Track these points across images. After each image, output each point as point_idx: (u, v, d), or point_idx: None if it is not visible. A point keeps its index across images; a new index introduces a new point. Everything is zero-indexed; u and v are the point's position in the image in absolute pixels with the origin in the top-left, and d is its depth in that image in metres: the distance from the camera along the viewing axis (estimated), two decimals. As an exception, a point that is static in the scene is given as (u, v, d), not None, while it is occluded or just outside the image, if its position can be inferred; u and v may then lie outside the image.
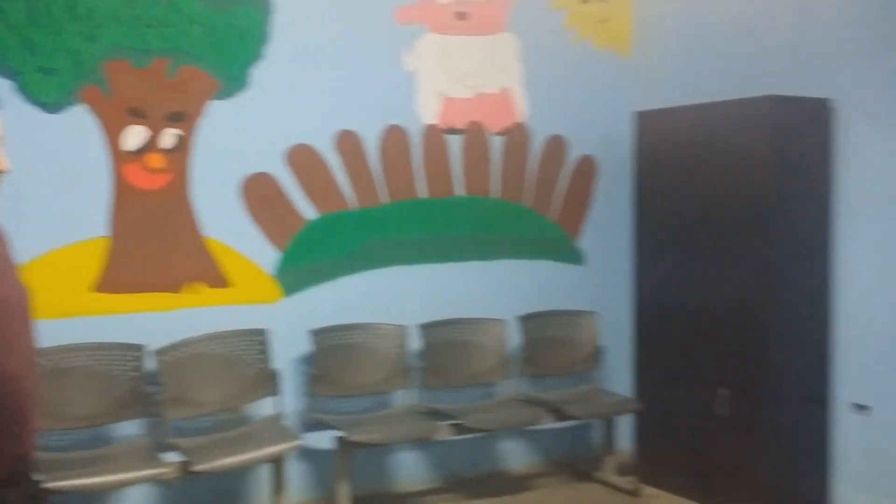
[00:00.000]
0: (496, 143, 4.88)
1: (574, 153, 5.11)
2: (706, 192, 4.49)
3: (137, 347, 3.92)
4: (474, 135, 4.81)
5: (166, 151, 4.05)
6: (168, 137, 4.05)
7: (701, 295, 4.55)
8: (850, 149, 4.30)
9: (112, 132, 3.94)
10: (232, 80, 4.18)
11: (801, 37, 4.49)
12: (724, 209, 4.40)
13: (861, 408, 4.30)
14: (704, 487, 4.51)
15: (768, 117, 4.18)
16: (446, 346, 4.68)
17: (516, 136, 4.93)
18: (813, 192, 4.35)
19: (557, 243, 5.10)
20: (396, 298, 4.63)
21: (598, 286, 5.17)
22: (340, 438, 4.16)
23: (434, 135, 4.70)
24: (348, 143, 4.48)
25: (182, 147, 4.08)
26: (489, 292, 4.87)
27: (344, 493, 4.18)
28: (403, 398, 4.60)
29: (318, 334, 4.37)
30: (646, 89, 5.14)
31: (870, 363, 4.26)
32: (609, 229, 5.17)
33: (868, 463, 4.28)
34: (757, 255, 4.26)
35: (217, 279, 4.18)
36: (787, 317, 4.27)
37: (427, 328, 4.64)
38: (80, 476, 3.48)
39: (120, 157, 3.96)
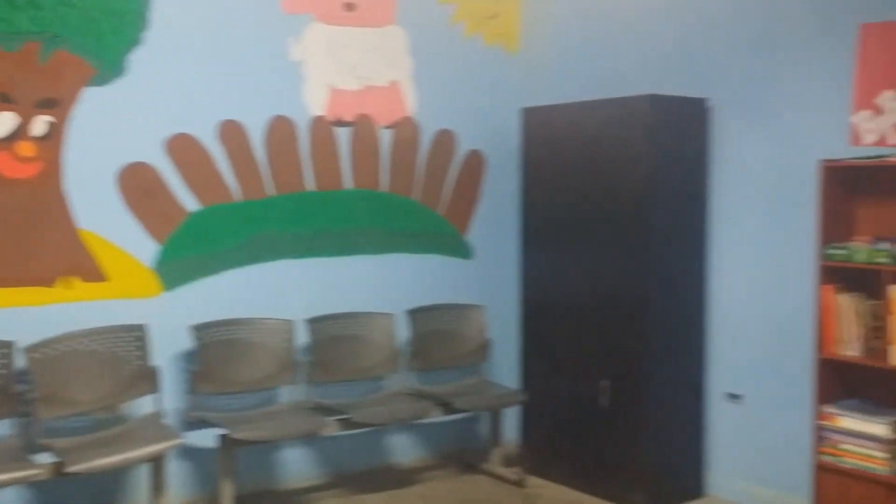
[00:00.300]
0: (385, 137, 4.86)
1: (463, 148, 5.15)
2: (589, 188, 4.59)
3: (6, 344, 3.74)
4: (363, 127, 4.78)
5: (37, 139, 3.87)
6: (39, 125, 3.87)
7: (583, 288, 4.65)
8: (724, 146, 4.48)
9: (-23, 118, 3.74)
10: (108, 67, 4.02)
11: (681, 38, 4.63)
12: (605, 204, 4.51)
13: (734, 397, 4.48)
14: (587, 477, 4.61)
15: (648, 116, 4.30)
16: (334, 340, 4.64)
17: (405, 129, 4.92)
18: (690, 189, 4.51)
19: (446, 237, 5.12)
20: (283, 293, 4.55)
21: (485, 280, 5.23)
22: (223, 436, 4.07)
23: (322, 127, 4.65)
24: (232, 133, 4.38)
25: (54, 135, 3.90)
26: (377, 286, 4.86)
27: (227, 491, 4.09)
28: (290, 394, 4.54)
29: (200, 330, 4.26)
30: (533, 86, 5.23)
31: (742, 354, 4.45)
32: (497, 224, 5.23)
33: (741, 450, 4.46)
34: (636, 250, 4.38)
35: (92, 273, 4.02)
36: (665, 310, 4.41)
37: (314, 323, 4.58)
38: (-60, 480, 3.29)
39: (-14, 145, 3.77)
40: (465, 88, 5.12)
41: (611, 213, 4.48)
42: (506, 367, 5.12)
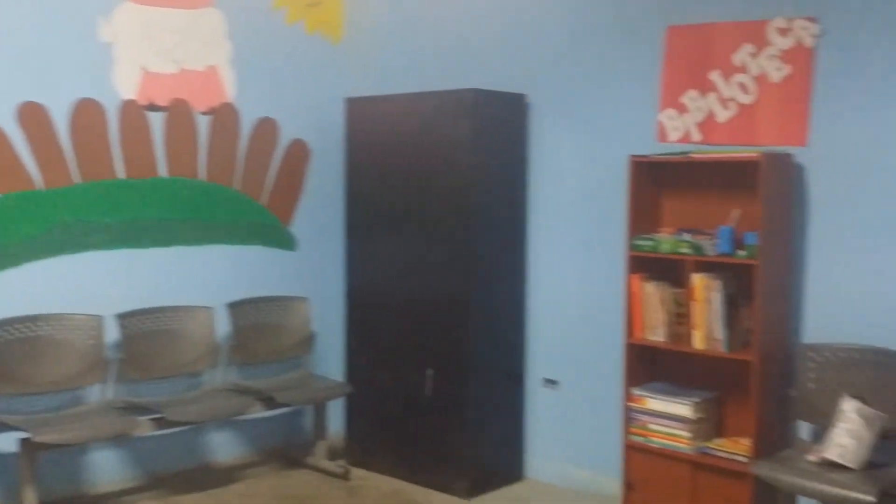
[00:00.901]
0: (203, 123, 4.68)
1: (286, 137, 5.03)
2: (412, 180, 4.61)
3: None
4: (178, 113, 4.57)
5: None
6: None
7: (408, 280, 4.67)
8: (542, 141, 4.61)
9: None
10: None
11: (502, 33, 4.73)
12: (428, 196, 4.54)
13: (551, 382, 4.64)
14: (411, 466, 4.64)
15: (470, 109, 4.36)
16: (148, 336, 4.43)
17: (224, 116, 4.75)
18: (510, 182, 4.62)
19: (268, 228, 5.00)
20: (91, 286, 4.29)
21: (310, 272, 5.15)
22: (24, 440, 3.80)
23: (133, 111, 4.41)
24: (33, 116, 4.08)
25: None
26: (196, 279, 4.67)
27: (29, 499, 3.82)
28: (99, 394, 4.29)
29: (-2, 327, 3.96)
30: (357, 76, 5.18)
31: (558, 341, 4.61)
32: (322, 215, 5.16)
33: (558, 434, 4.62)
34: (458, 241, 4.44)
35: None
36: (486, 300, 4.50)
37: (126, 318, 4.35)
38: None
39: None
40: (288, 76, 5.00)
41: (434, 205, 4.52)
42: (331, 359, 5.07)
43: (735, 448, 3.78)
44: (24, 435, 3.80)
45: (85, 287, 4.27)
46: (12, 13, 4.00)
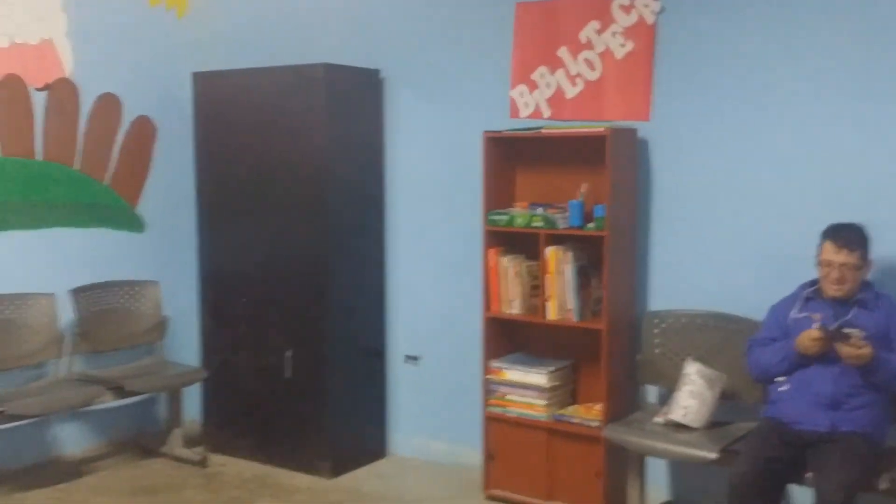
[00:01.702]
0: (39, 99, 4.41)
1: (130, 113, 4.81)
2: (265, 157, 4.50)
3: None
4: (11, 88, 4.29)
5: None
6: None
7: (264, 260, 4.58)
8: (397, 117, 4.60)
9: None
10: None
11: (354, 7, 4.67)
12: (283, 174, 4.45)
13: (412, 359, 4.66)
14: (273, 449, 4.57)
15: (323, 84, 4.29)
16: (-17, 326, 4.17)
17: (62, 91, 4.49)
18: (366, 159, 4.59)
19: (113, 209, 4.77)
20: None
21: (161, 254, 4.96)
22: None
23: (-41, 87, 4.11)
24: None
25: None
26: (34, 264, 4.41)
27: None
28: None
29: None
30: (205, 50, 5.00)
31: (419, 317, 4.63)
32: (172, 195, 4.97)
33: (419, 408, 4.66)
34: (315, 219, 4.38)
35: None
36: (345, 278, 4.47)
37: (-42, 308, 4.08)
38: None
39: None
40: (131, 50, 4.77)
41: (289, 183, 4.43)
42: (185, 344, 4.91)
43: (588, 414, 3.91)
44: None
45: None
46: None
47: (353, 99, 4.47)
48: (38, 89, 4.40)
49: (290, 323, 4.51)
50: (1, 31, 4.25)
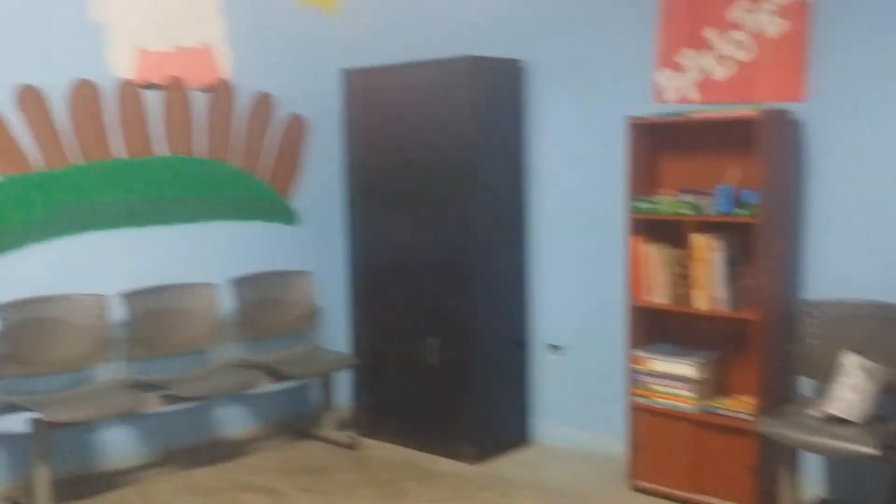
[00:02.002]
0: (200, 100, 4.68)
1: (283, 111, 5.03)
2: (411, 150, 4.61)
3: None
4: (175, 91, 4.57)
5: None
6: None
7: (410, 250, 4.69)
8: (539, 107, 4.60)
9: None
10: None
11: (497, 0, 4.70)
12: (428, 166, 4.54)
13: (555, 348, 4.66)
14: (418, 434, 4.68)
15: (467, 77, 4.34)
16: (153, 314, 4.46)
17: (221, 92, 4.74)
18: (509, 149, 4.61)
19: (269, 204, 5.01)
20: (94, 266, 4.31)
21: (312, 246, 5.16)
22: (35, 420, 3.84)
23: (129, 90, 4.40)
24: (31, 99, 4.08)
25: None
26: (198, 256, 4.69)
27: (42, 477, 3.86)
28: (108, 372, 4.33)
29: (5, 309, 3.98)
30: (353, 47, 5.15)
31: (562, 306, 4.62)
32: (322, 188, 5.16)
33: (563, 397, 4.66)
34: (459, 211, 4.44)
35: None
36: (489, 268, 4.52)
37: (131, 297, 4.38)
38: None
39: None
40: (283, 50, 4.98)
41: (434, 175, 4.52)
42: (336, 332, 5.09)
43: (739, 406, 3.80)
44: (34, 415, 3.84)
45: (89, 267, 4.30)
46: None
47: (496, 90, 4.50)
48: (200, 91, 4.66)
49: (436, 312, 4.60)
50: (166, 36, 4.53)
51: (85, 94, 4.25)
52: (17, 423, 3.96)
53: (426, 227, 4.59)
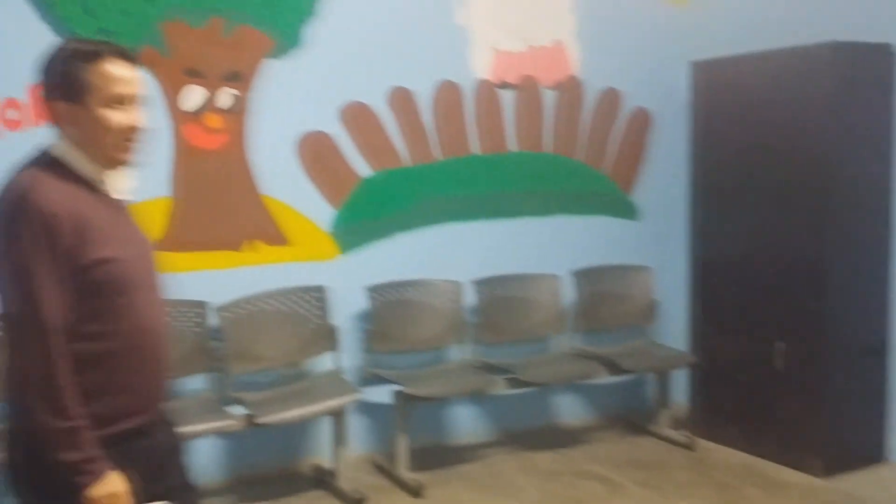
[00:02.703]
0: (549, 97, 4.85)
1: (628, 105, 5.06)
2: (765, 144, 4.42)
3: (201, 304, 4.00)
4: (527, 89, 4.78)
5: (223, 111, 4.08)
6: (225, 97, 4.08)
7: (758, 248, 4.51)
8: (913, 96, 4.21)
9: (171, 93, 3.98)
10: (286, 39, 4.18)
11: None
12: (783, 161, 4.33)
13: (922, 361, 4.26)
14: (760, 441, 4.51)
15: (831, 65, 4.09)
16: (500, 301, 4.71)
17: (569, 89, 4.88)
18: (873, 143, 4.27)
19: (611, 198, 5.07)
20: (451, 255, 4.65)
21: (653, 240, 5.15)
22: (399, 392, 4.22)
23: (487, 90, 4.68)
24: (401, 99, 4.48)
25: (239, 107, 4.11)
26: (543, 248, 4.88)
27: (403, 445, 4.25)
28: (458, 353, 4.65)
29: (375, 291, 4.42)
30: (703, 38, 5.04)
31: (932, 316, 4.21)
32: (664, 183, 5.13)
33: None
34: (814, 208, 4.20)
35: (275, 237, 4.24)
36: (846, 270, 4.22)
37: (481, 284, 4.66)
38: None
39: (179, 118, 4.00)
40: (631, 45, 5.00)
41: (787, 171, 4.31)
42: (674, 328, 5.05)
43: None
44: (398, 388, 4.23)
45: (445, 255, 4.64)
46: (383, 7, 4.41)
47: (862, 79, 4.18)
48: (549, 88, 4.83)
49: (783, 314, 4.39)
50: (520, 36, 4.74)
51: (448, 95, 4.58)
52: (380, 394, 4.39)
53: (776, 224, 4.39)
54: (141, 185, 3.89)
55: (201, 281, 4.03)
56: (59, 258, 1.85)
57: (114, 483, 1.89)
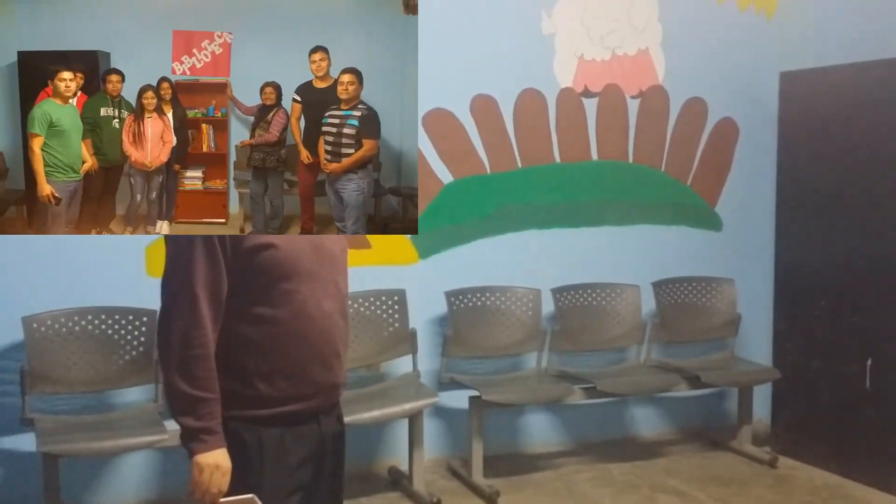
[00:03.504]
0: (633, 107, 4.81)
1: (713, 116, 4.98)
2: (854, 157, 4.31)
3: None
4: (610, 98, 4.75)
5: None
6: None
7: (846, 263, 4.40)
8: None
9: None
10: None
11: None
12: (874, 173, 4.22)
13: None
14: (845, 460, 4.38)
15: (926, 76, 3.97)
16: (579, 310, 4.69)
17: (654, 98, 4.83)
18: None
19: (693, 209, 5.00)
20: (530, 262, 4.65)
21: (735, 253, 5.05)
22: (475, 398, 4.23)
23: (570, 98, 4.67)
24: (484, 107, 4.51)
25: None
26: (623, 257, 4.83)
27: (478, 451, 4.25)
28: (536, 361, 4.64)
29: (453, 296, 4.45)
30: (791, 50, 4.94)
31: None
32: (749, 195, 5.03)
33: None
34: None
35: (358, 240, 4.30)
36: (943, 287, 4.08)
37: (560, 292, 4.65)
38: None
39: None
40: (718, 55, 4.93)
41: (879, 183, 4.19)
42: (756, 343, 4.94)
43: None
44: (474, 393, 4.24)
45: (525, 262, 4.64)
46: (467, 15, 4.44)
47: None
48: (633, 97, 4.80)
49: (872, 330, 4.26)
50: (605, 45, 4.72)
51: (530, 102, 4.59)
52: (456, 399, 4.41)
53: (866, 236, 4.27)
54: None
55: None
56: (221, 238, 1.99)
57: (221, 458, 1.99)
